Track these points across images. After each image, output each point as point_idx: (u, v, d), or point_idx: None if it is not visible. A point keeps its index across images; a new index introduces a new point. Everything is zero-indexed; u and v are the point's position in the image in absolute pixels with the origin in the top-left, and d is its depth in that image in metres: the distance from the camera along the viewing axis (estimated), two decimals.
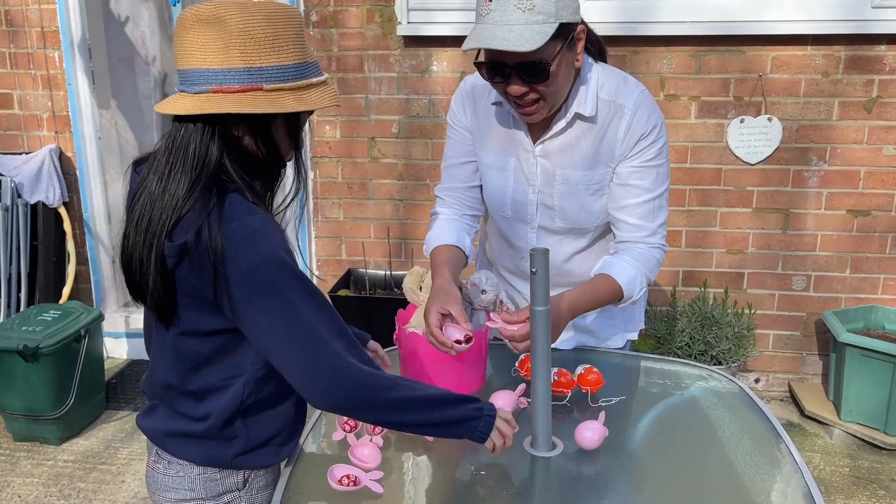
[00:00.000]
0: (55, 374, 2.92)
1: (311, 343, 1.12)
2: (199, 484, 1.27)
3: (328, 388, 1.13)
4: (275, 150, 1.20)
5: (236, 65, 1.10)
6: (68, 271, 3.61)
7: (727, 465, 1.35)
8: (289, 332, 1.12)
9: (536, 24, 1.36)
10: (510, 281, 1.82)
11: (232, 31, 1.09)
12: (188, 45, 1.11)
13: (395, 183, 3.46)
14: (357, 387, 1.14)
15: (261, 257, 1.10)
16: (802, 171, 3.18)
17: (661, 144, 1.56)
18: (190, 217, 1.11)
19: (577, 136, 1.57)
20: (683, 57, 3.12)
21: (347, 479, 1.24)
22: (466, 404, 1.24)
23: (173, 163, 1.14)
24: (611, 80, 1.56)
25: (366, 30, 3.29)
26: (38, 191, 3.52)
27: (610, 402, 1.54)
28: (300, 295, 1.12)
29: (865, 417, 3.01)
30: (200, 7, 1.10)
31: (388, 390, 1.17)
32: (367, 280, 3.46)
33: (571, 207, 1.62)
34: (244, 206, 1.13)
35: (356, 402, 1.15)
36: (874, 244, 3.22)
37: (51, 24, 3.46)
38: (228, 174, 1.15)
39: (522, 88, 1.44)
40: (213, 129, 1.14)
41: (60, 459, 2.93)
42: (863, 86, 3.06)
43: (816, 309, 3.32)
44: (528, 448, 1.38)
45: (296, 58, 1.14)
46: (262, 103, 1.11)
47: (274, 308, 1.11)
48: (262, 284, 1.10)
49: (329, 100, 1.18)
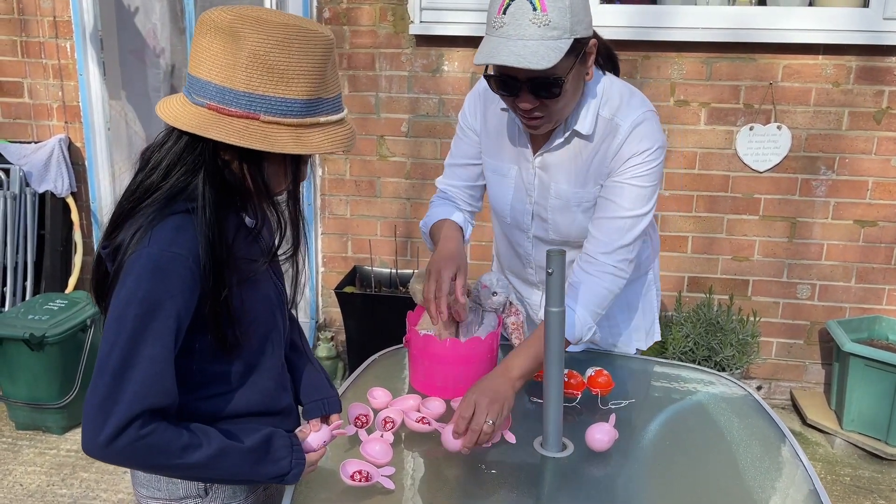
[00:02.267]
0: (60, 364, 2.92)
1: (111, 387, 1.04)
2: (164, 484, 1.24)
3: (95, 435, 1.04)
4: (264, 185, 1.12)
5: (238, 87, 1.03)
6: (75, 261, 3.61)
7: (736, 470, 1.36)
8: (106, 356, 1.05)
9: (551, 40, 1.33)
10: (515, 284, 1.83)
11: (242, 48, 1.01)
12: (199, 51, 1.05)
13: (403, 181, 3.46)
14: (133, 448, 1.05)
15: (140, 293, 1.04)
16: (810, 180, 3.18)
17: (651, 167, 1.50)
18: (130, 222, 1.09)
19: (574, 153, 1.55)
20: (694, 63, 3.13)
21: (360, 474, 1.25)
22: (269, 454, 1.18)
23: (155, 163, 1.11)
24: (615, 97, 1.52)
25: (378, 28, 3.29)
26: (46, 180, 3.52)
27: (620, 404, 1.55)
28: (141, 336, 1.04)
29: (867, 427, 3.01)
30: (222, 12, 1.03)
31: (181, 455, 1.09)
32: (372, 277, 3.46)
33: (563, 222, 1.61)
34: (169, 238, 1.06)
35: (117, 459, 1.08)
36: (880, 255, 3.22)
37: (63, 13, 3.46)
38: (199, 194, 1.09)
39: (533, 103, 1.41)
40: (200, 146, 1.08)
41: (63, 449, 2.93)
42: (873, 96, 3.07)
43: (820, 318, 3.32)
44: (538, 448, 1.39)
45: (306, 93, 1.04)
46: (253, 136, 1.03)
47: (114, 340, 1.05)
48: (122, 316, 1.05)
49: (334, 145, 1.08)
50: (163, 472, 1.18)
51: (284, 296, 1.28)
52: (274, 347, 1.25)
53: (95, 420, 1.05)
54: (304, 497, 1.26)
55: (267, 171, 1.11)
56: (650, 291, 1.83)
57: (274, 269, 1.27)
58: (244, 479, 1.20)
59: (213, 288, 1.09)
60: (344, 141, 1.10)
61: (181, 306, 1.07)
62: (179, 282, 1.06)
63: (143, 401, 1.05)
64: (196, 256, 1.07)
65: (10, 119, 3.65)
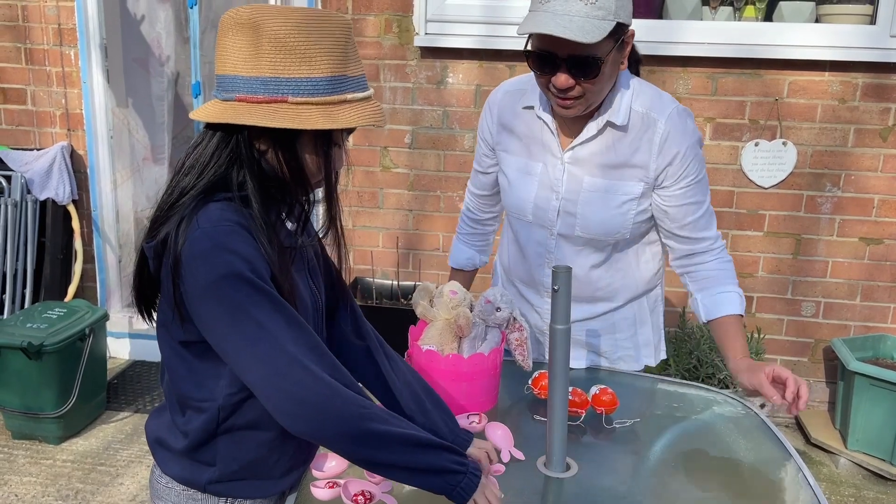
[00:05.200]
0: (58, 373, 2.90)
1: (274, 357, 1.04)
2: (183, 500, 1.23)
3: (291, 405, 1.04)
4: (299, 170, 1.13)
5: (265, 73, 1.05)
6: (74, 269, 3.60)
7: (742, 489, 1.33)
8: (251, 345, 1.04)
9: (597, 20, 1.36)
10: (524, 293, 1.80)
11: (263, 37, 1.04)
12: (223, 50, 1.07)
13: (406, 193, 3.45)
14: (325, 406, 1.05)
15: (218, 273, 1.04)
16: (816, 196, 3.17)
17: (701, 159, 1.59)
18: (172, 219, 1.09)
19: (608, 144, 1.57)
20: (700, 78, 3.12)
21: (363, 496, 1.22)
22: (450, 454, 1.14)
23: (191, 164, 1.12)
24: (646, 93, 1.56)
25: (383, 39, 3.29)
26: (47, 188, 3.51)
27: (624, 423, 1.52)
28: (262, 309, 1.05)
29: (872, 447, 2.98)
30: (241, 10, 1.06)
31: (363, 419, 1.07)
32: (373, 289, 3.44)
33: (593, 216, 1.61)
34: (217, 216, 1.07)
35: (323, 423, 1.05)
36: (886, 273, 3.20)
37: (68, 21, 3.47)
38: (235, 184, 1.10)
39: (569, 82, 1.43)
40: (234, 139, 1.10)
41: (59, 459, 2.90)
42: (879, 114, 3.05)
43: (825, 336, 3.30)
44: (541, 468, 1.36)
45: (330, 70, 1.06)
46: (284, 117, 1.05)
47: (234, 322, 1.05)
48: (221, 300, 1.04)
49: (364, 119, 1.09)
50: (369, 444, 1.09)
51: (321, 307, 1.27)
52: None
53: (292, 400, 1.04)
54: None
55: (301, 157, 1.12)
56: (658, 307, 1.81)
57: (311, 274, 1.26)
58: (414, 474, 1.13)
59: (275, 267, 1.09)
60: (373, 115, 1.10)
61: (261, 265, 1.07)
62: (245, 244, 1.06)
63: (311, 350, 1.06)
64: (246, 228, 1.07)
65: (12, 126, 3.65)
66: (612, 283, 1.70)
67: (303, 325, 1.08)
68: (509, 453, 1.38)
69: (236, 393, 1.16)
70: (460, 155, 3.35)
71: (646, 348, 1.80)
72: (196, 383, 1.16)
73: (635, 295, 1.74)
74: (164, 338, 1.19)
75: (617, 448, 1.45)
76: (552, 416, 1.32)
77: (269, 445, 1.21)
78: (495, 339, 1.58)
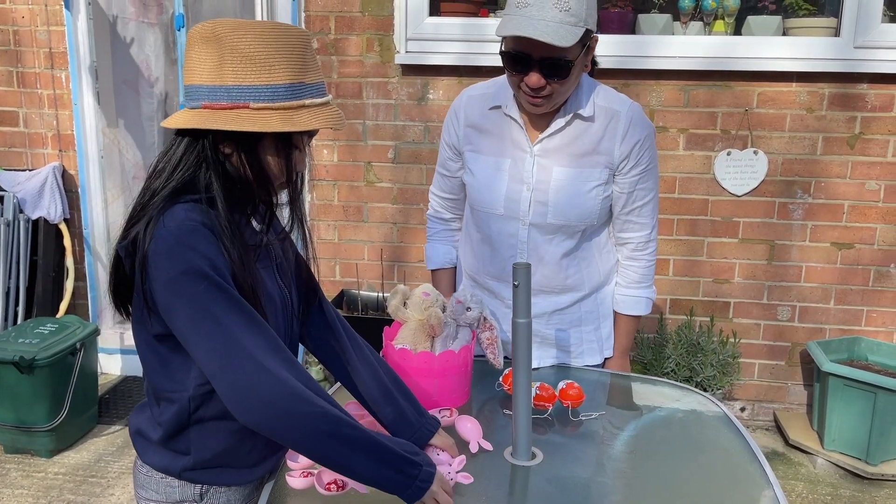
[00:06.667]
0: (49, 387, 2.95)
1: (229, 351, 1.08)
2: (162, 487, 1.29)
3: (241, 399, 1.08)
4: (262, 172, 1.20)
5: (227, 82, 1.12)
6: (66, 286, 3.66)
7: (703, 480, 1.40)
8: (208, 339, 1.09)
9: (569, 25, 1.50)
10: (494, 289, 1.86)
11: (225, 48, 1.11)
12: (190, 62, 1.15)
13: (390, 206, 3.53)
14: (275, 401, 1.07)
15: (179, 269, 1.10)
16: (788, 203, 3.26)
17: (655, 150, 1.76)
18: (143, 220, 1.16)
19: (576, 134, 1.70)
20: (673, 90, 3.22)
21: (335, 484, 1.28)
22: (403, 459, 1.17)
23: (161, 168, 1.20)
24: (605, 90, 1.73)
25: (365, 58, 3.39)
26: (39, 207, 3.58)
27: (591, 416, 1.59)
28: (220, 304, 1.10)
29: (848, 447, 3.05)
30: (205, 25, 1.14)
31: (315, 417, 1.09)
32: (359, 301, 3.51)
33: (566, 202, 1.71)
34: (182, 216, 1.13)
35: (272, 418, 1.08)
36: (858, 276, 3.29)
37: (59, 45, 3.56)
38: (202, 186, 1.17)
39: (541, 82, 1.56)
40: (200, 143, 1.17)
41: (51, 472, 2.95)
42: (846, 122, 3.16)
43: (801, 339, 3.37)
44: (508, 457, 1.43)
45: (288, 78, 1.13)
46: (245, 121, 1.11)
47: (193, 316, 1.10)
48: (181, 294, 1.10)
49: (321, 122, 1.15)
50: (310, 434, 1.11)
51: (290, 304, 1.33)
52: None
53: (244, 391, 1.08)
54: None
55: (263, 159, 1.19)
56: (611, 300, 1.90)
57: (280, 272, 1.32)
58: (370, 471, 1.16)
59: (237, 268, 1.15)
60: (330, 118, 1.17)
61: (221, 263, 1.13)
62: (206, 243, 1.12)
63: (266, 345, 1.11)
64: (210, 228, 1.14)
65: (5, 147, 3.73)
66: (580, 272, 1.80)
67: (260, 323, 1.13)
68: (478, 444, 1.45)
69: (205, 384, 1.21)
70: None
71: (607, 341, 1.88)
72: (168, 376, 1.22)
73: (599, 285, 1.84)
74: (138, 333, 1.25)
75: (582, 439, 1.52)
76: (517, 405, 1.39)
77: (239, 435, 1.27)
78: (466, 337, 1.65)
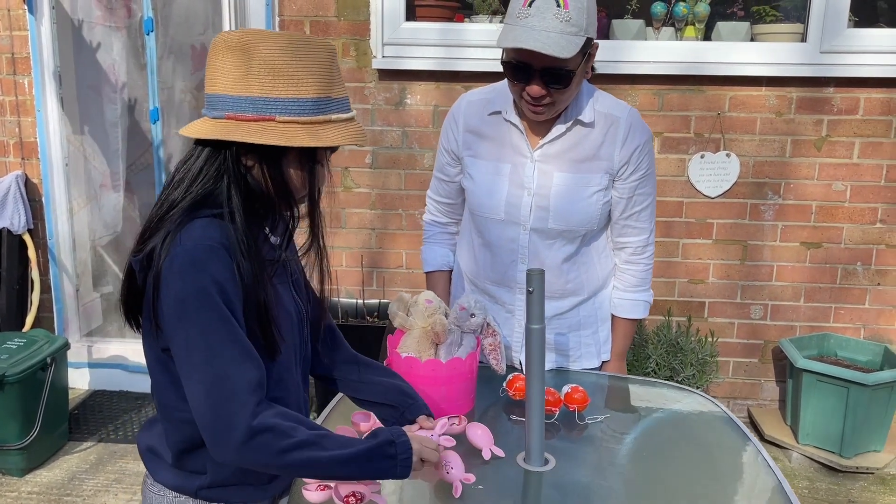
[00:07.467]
0: (20, 404, 2.85)
1: (214, 391, 1.08)
2: None
3: (214, 432, 1.08)
4: (284, 186, 1.18)
5: (253, 93, 1.10)
6: (32, 299, 3.54)
7: (712, 477, 1.42)
8: (197, 372, 1.09)
9: (570, 35, 1.50)
10: (494, 294, 1.86)
11: (253, 59, 1.10)
12: (214, 71, 1.13)
13: (368, 212, 3.50)
14: (252, 443, 1.08)
15: (188, 291, 1.08)
16: (759, 204, 3.34)
17: (653, 155, 1.78)
18: (159, 233, 1.13)
19: (576, 140, 1.71)
20: (647, 95, 3.27)
21: (354, 497, 1.26)
22: (377, 450, 1.17)
23: (180, 178, 1.17)
24: (604, 97, 1.75)
25: (341, 63, 3.36)
26: (2, 217, 3.46)
27: (596, 419, 1.60)
28: (217, 336, 1.08)
29: (822, 441, 3.13)
30: (232, 33, 1.12)
31: (290, 450, 1.09)
32: (339, 308, 3.48)
33: (567, 207, 1.72)
34: (199, 233, 1.11)
35: (247, 462, 1.10)
36: (826, 275, 3.38)
37: (21, 50, 3.44)
38: (221, 200, 1.15)
39: (542, 91, 1.56)
40: (223, 154, 1.15)
41: (24, 491, 2.84)
42: (813, 125, 3.25)
43: (773, 337, 3.46)
44: (521, 463, 1.43)
45: (315, 92, 1.12)
46: (271, 135, 1.10)
47: (188, 346, 1.09)
48: (184, 318, 1.09)
49: (346, 138, 1.15)
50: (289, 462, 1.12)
51: (305, 316, 1.32)
52: (294, 364, 1.28)
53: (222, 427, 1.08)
54: None
55: (286, 173, 1.18)
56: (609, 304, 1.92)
57: (296, 287, 1.31)
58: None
59: (251, 285, 1.13)
60: (355, 134, 1.17)
61: (231, 290, 1.11)
62: (220, 266, 1.10)
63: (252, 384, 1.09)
64: (226, 247, 1.12)
65: None
66: (580, 276, 1.81)
67: (254, 360, 1.12)
68: (490, 451, 1.44)
69: None
70: (420, 173, 3.43)
71: (605, 344, 1.90)
72: (179, 394, 1.19)
73: (598, 289, 1.85)
74: (148, 347, 1.22)
75: (591, 443, 1.54)
76: (530, 412, 1.39)
77: None
78: (471, 344, 1.65)
